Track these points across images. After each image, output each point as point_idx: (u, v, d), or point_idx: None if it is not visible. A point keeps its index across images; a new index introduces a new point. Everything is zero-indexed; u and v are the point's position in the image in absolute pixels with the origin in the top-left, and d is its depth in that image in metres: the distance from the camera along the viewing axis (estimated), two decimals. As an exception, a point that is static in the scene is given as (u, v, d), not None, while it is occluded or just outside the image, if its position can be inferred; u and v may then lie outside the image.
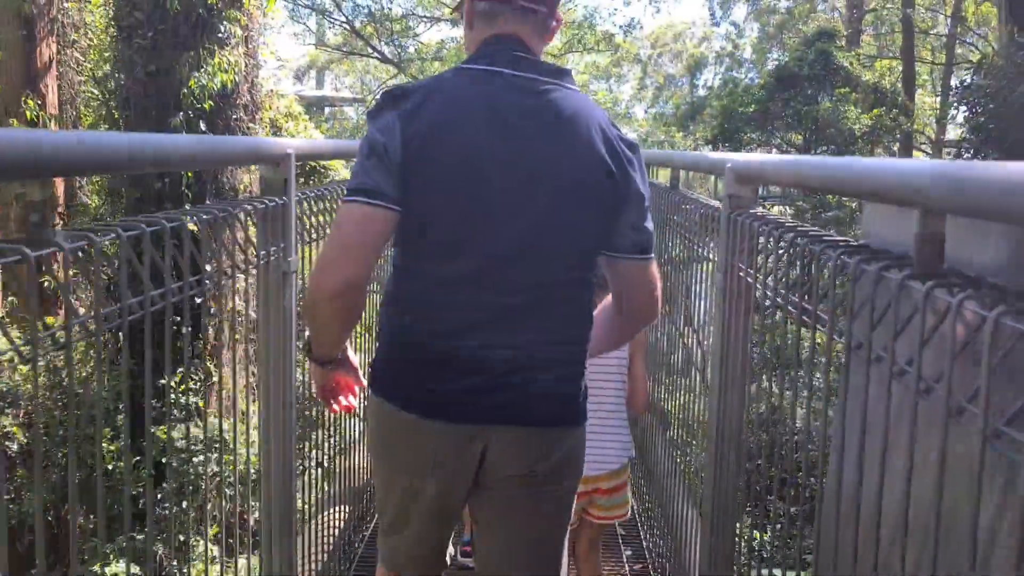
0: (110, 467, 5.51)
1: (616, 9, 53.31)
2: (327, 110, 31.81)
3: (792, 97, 14.88)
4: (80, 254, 1.13)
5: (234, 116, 6.27)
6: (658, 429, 3.68)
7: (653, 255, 1.65)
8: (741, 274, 1.84)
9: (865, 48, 24.35)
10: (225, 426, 2.23)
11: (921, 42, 26.22)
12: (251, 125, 6.37)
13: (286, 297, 2.06)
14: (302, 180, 6.86)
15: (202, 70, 5.85)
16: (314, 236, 2.39)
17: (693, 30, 38.72)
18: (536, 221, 1.49)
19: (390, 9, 27.39)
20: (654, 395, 3.51)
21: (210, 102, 5.97)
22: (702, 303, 2.74)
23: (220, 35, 6.04)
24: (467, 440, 1.56)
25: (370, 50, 27.98)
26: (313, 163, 6.91)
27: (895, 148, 21.65)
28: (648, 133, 32.59)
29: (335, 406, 1.81)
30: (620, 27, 31.09)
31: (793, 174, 1.64)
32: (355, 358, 1.79)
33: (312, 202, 2.39)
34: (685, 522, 2.82)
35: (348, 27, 27.50)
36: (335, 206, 2.53)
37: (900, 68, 19.19)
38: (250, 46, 6.46)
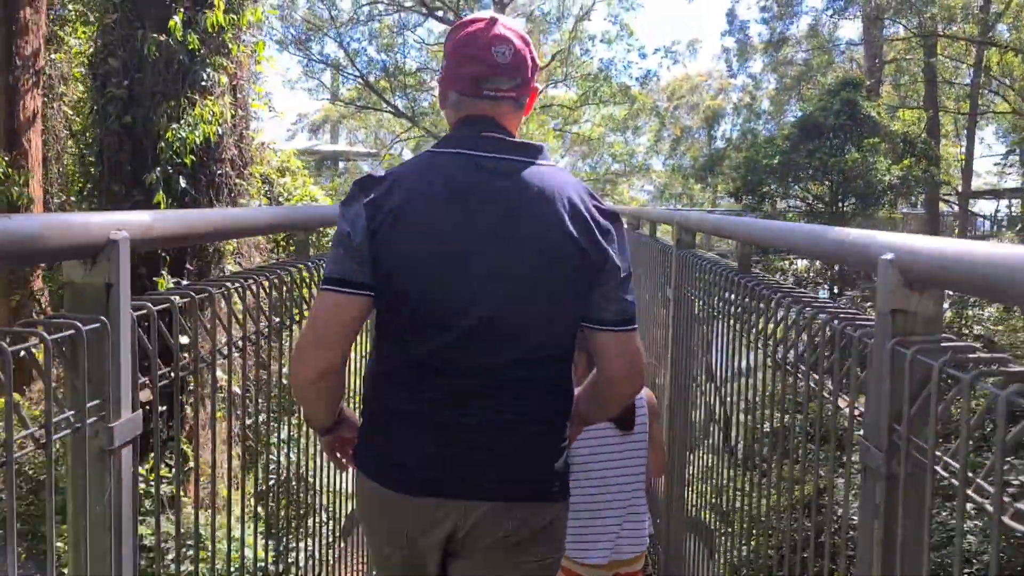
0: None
1: (631, 62, 53.68)
2: (341, 164, 31.79)
3: (817, 148, 14.32)
4: None
5: (219, 171, 5.72)
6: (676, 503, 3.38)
7: (634, 326, 1.61)
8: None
9: (886, 99, 23.89)
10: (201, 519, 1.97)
11: (944, 92, 25.74)
12: (238, 181, 5.82)
13: (109, 484, 1.28)
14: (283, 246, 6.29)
15: (183, 121, 5.31)
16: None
17: (710, 82, 38.63)
18: (503, 301, 1.51)
19: (404, 63, 27.42)
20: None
21: (191, 156, 5.42)
22: (721, 356, 2.58)
23: (204, 83, 5.52)
24: (436, 514, 1.58)
25: (384, 104, 27.96)
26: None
27: (920, 199, 21.04)
28: (666, 185, 32.18)
29: (344, 462, 1.87)
30: (636, 79, 30.95)
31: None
32: (355, 415, 1.83)
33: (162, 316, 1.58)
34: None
35: (362, 82, 27.52)
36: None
37: (927, 117, 18.65)
38: (239, 96, 5.94)
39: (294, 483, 2.51)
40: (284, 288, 2.13)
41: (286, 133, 43.78)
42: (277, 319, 2.11)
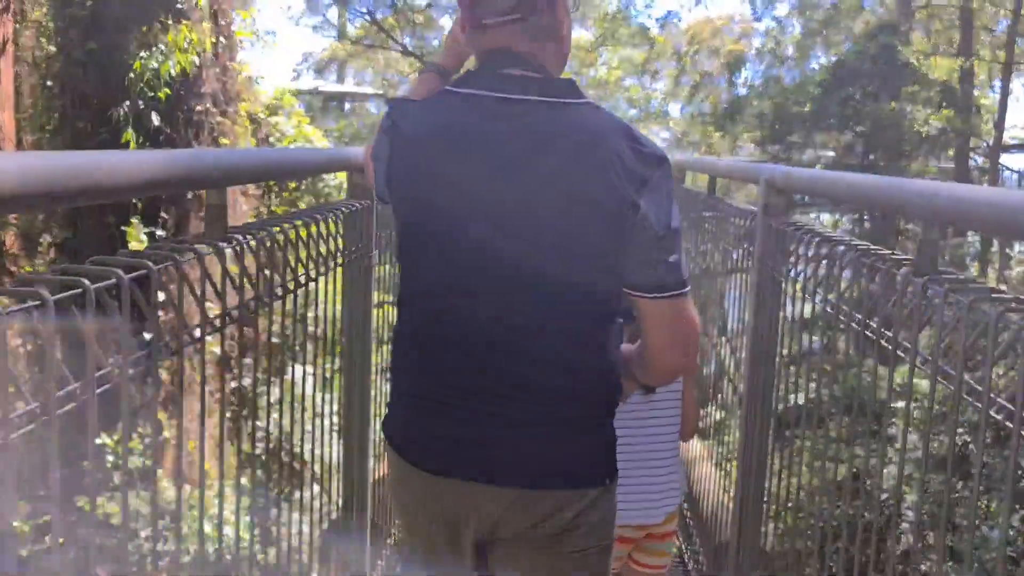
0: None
1: (652, 2, 51.78)
2: (347, 105, 30.87)
3: (851, 95, 13.47)
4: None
5: (198, 107, 5.06)
6: (704, 456, 3.47)
7: (676, 292, 1.38)
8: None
9: (918, 45, 22.75)
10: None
11: (977, 40, 24.51)
12: (220, 119, 5.16)
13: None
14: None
15: (155, 49, 4.64)
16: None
17: (732, 26, 37.17)
18: (519, 261, 1.35)
19: (412, 0, 26.24)
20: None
21: (166, 90, 4.76)
22: (736, 311, 2.76)
23: (179, 5, 4.83)
24: (454, 496, 1.43)
25: (392, 43, 26.95)
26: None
27: (950, 153, 20.13)
28: (684, 133, 31.20)
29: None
30: (657, 20, 29.71)
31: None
32: None
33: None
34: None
35: (369, 19, 26.47)
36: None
37: (967, 66, 17.68)
38: (221, 22, 5.25)
39: (284, 453, 2.31)
40: (279, 247, 1.83)
41: (292, 73, 42.81)
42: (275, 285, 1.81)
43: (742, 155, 25.57)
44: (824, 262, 1.69)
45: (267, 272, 1.70)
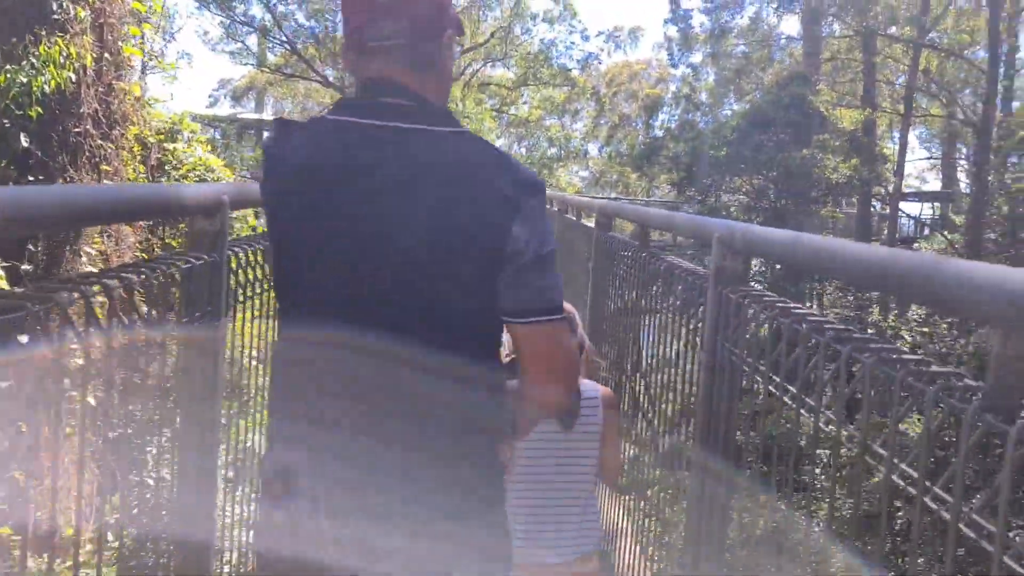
0: None
1: (573, 43, 52.49)
2: (265, 134, 30.06)
3: (764, 142, 13.74)
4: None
5: (75, 128, 4.57)
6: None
7: (550, 317, 1.35)
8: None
9: (825, 95, 23.70)
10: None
11: (879, 92, 25.73)
12: (101, 143, 4.68)
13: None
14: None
15: (24, 63, 4.15)
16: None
17: (650, 71, 38.16)
18: (383, 293, 1.31)
19: (334, 31, 25.83)
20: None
21: (38, 108, 4.27)
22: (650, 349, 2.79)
23: (55, 16, 4.36)
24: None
25: (312, 73, 26.42)
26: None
27: (853, 200, 20.87)
28: (602, 172, 31.58)
29: None
30: (577, 62, 30.15)
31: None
32: None
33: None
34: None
35: (289, 48, 25.89)
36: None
37: (873, 117, 18.42)
38: (107, 37, 4.78)
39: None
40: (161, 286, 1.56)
41: (208, 99, 41.61)
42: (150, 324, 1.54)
43: (656, 196, 25.98)
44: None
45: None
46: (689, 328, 2.24)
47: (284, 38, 25.72)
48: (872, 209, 25.34)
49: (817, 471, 7.50)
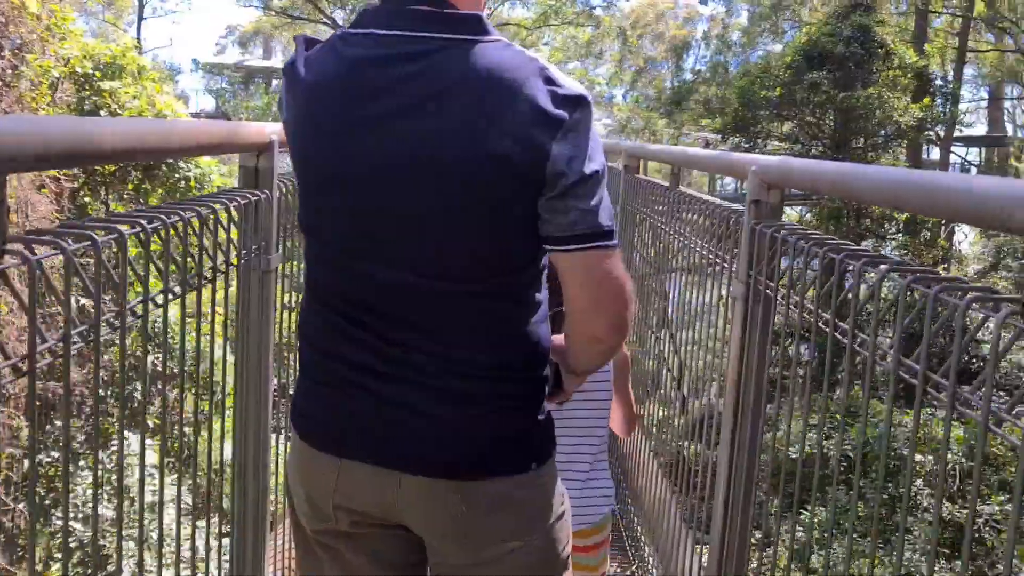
0: None
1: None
2: (275, 83, 28.73)
3: (820, 80, 12.15)
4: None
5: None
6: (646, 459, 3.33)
7: (597, 244, 1.22)
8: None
9: (888, 27, 21.79)
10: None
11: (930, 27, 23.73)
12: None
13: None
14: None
15: None
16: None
17: (676, 10, 36.04)
18: (413, 216, 1.22)
19: (342, -32, 24.11)
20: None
21: None
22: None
23: None
24: (372, 480, 1.30)
25: (320, 15, 24.81)
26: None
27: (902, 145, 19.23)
28: (628, 119, 29.89)
29: None
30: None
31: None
32: None
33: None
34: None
35: (295, -13, 24.26)
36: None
37: (948, 52, 16.69)
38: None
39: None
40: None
41: (215, 47, 39.91)
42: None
43: (691, 143, 24.43)
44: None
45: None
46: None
47: (289, -23, 24.07)
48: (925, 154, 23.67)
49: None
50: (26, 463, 3.99)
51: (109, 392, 4.23)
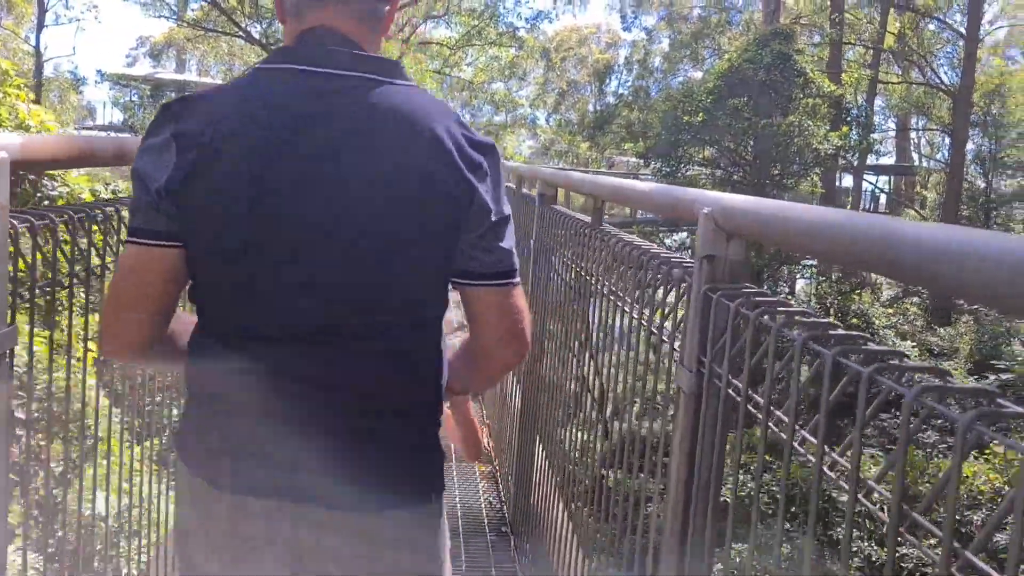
0: None
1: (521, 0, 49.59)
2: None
3: (742, 106, 12.12)
4: None
5: None
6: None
7: (513, 281, 1.32)
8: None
9: (806, 55, 22.25)
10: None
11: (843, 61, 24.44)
12: None
13: None
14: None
15: None
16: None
17: (599, 35, 36.40)
18: (336, 250, 1.21)
19: (257, -20, 23.27)
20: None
21: None
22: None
23: None
24: (261, 517, 1.27)
25: (236, 28, 23.87)
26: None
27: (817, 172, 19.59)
28: (552, 141, 29.85)
29: None
30: (526, 20, 28.17)
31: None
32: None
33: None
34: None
35: (208, 0, 23.23)
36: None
37: (862, 83, 17.06)
38: None
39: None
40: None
41: (125, 59, 38.18)
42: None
43: (609, 168, 24.44)
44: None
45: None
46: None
47: (201, -12, 23.09)
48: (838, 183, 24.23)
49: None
50: None
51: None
